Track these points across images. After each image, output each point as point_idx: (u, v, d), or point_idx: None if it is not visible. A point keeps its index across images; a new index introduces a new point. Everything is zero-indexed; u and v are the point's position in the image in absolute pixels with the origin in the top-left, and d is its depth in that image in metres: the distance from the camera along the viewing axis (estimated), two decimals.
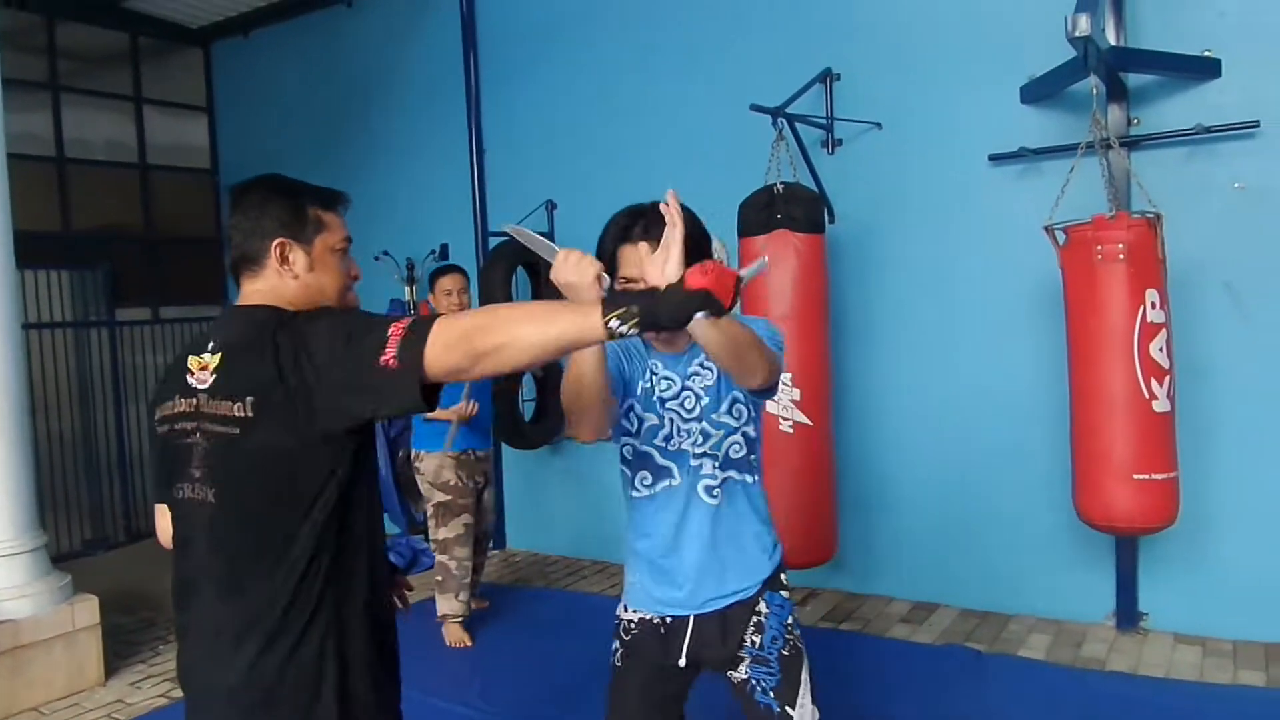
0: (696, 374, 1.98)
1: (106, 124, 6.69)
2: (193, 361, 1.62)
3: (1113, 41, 3.85)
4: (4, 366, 3.95)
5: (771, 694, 1.97)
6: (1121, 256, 3.32)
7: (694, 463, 1.97)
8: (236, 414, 1.53)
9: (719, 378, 1.96)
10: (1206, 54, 3.79)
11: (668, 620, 2.01)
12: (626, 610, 2.08)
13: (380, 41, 6.21)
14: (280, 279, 1.67)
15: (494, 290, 5.11)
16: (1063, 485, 3.78)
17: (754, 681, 1.98)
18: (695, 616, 2.00)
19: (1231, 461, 3.91)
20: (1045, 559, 4.27)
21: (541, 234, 5.41)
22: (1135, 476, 3.37)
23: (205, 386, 1.59)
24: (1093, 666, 3.75)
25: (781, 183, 4.06)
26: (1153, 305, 3.35)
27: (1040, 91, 4.06)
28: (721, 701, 2.18)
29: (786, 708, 1.96)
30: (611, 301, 1.43)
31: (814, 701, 2.00)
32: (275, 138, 6.83)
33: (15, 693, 3.84)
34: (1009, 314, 4.22)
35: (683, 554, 1.99)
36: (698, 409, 1.97)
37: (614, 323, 1.40)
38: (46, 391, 6.08)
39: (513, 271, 5.24)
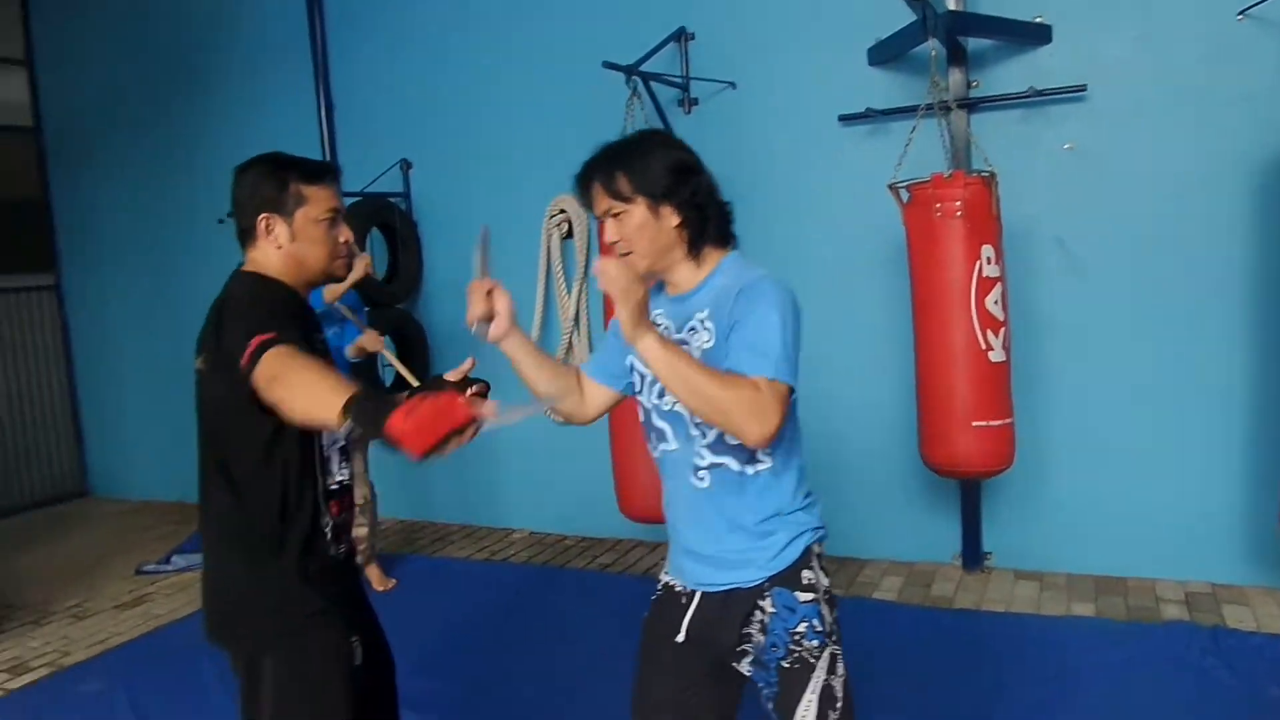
0: (695, 330, 1.76)
1: None
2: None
3: (951, 6, 3.97)
4: None
5: (771, 704, 1.77)
6: (959, 214, 3.45)
7: (692, 432, 1.76)
8: (199, 366, 1.87)
9: (718, 343, 1.72)
10: (1038, 20, 3.96)
11: (687, 591, 1.84)
12: (663, 571, 1.93)
13: None
14: (268, 249, 1.90)
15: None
16: (910, 435, 3.94)
17: (758, 684, 1.79)
18: (702, 593, 1.82)
19: (1063, 407, 4.16)
20: (896, 506, 4.46)
21: (397, 195, 5.30)
22: (974, 424, 3.51)
23: (199, 339, 1.88)
24: (940, 605, 3.96)
25: None
26: (988, 260, 3.49)
27: (885, 54, 4.16)
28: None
29: None
30: (354, 401, 1.49)
31: None
32: (105, 93, 6.39)
33: None
34: (859, 269, 4.35)
35: (682, 528, 1.84)
36: None
37: (347, 423, 1.50)
38: None
39: (367, 233, 5.08)
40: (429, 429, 1.40)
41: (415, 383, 2.09)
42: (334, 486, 1.96)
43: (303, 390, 1.60)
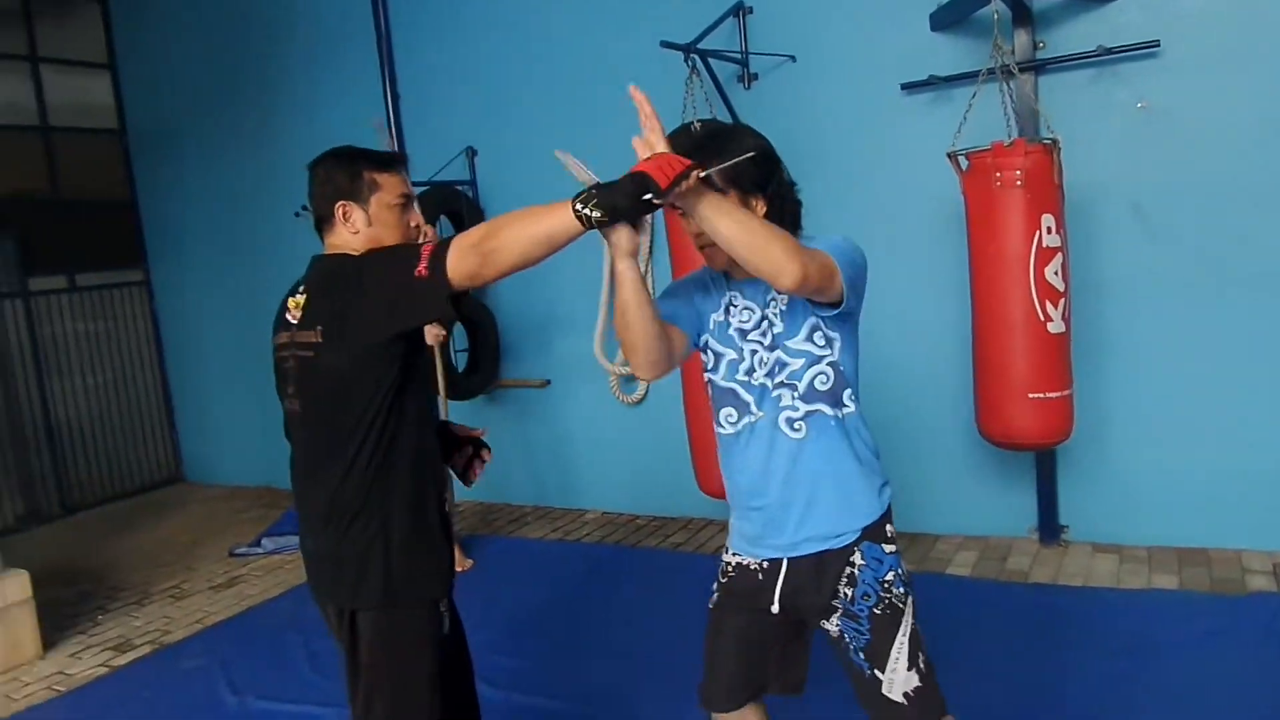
0: (774, 298, 1.87)
1: (3, 86, 6.38)
2: (290, 302, 1.99)
3: None
4: None
5: (862, 654, 1.86)
6: (1019, 183, 3.37)
7: (774, 394, 1.86)
8: (311, 340, 1.91)
9: (793, 300, 1.84)
10: None
11: (764, 564, 1.92)
12: (726, 553, 2.02)
13: None
14: (346, 234, 2.00)
15: None
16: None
17: (846, 638, 1.88)
18: (789, 559, 1.89)
19: (1142, 375, 4.04)
20: (970, 479, 4.40)
21: (464, 183, 5.39)
22: (1031, 395, 3.47)
23: (296, 321, 1.95)
24: (1015, 579, 3.90)
25: (699, 120, 4.04)
26: (1048, 230, 3.41)
27: (948, 18, 4.07)
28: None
29: (876, 671, 1.85)
30: (580, 194, 1.64)
31: (915, 665, 1.85)
32: (183, 93, 6.61)
33: None
34: (924, 240, 4.28)
35: (771, 492, 1.88)
36: (771, 336, 1.87)
37: (579, 207, 1.63)
38: None
39: (435, 221, 5.18)
40: (668, 166, 1.61)
41: None
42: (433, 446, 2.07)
43: (521, 222, 1.73)
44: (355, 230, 1.99)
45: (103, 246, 6.87)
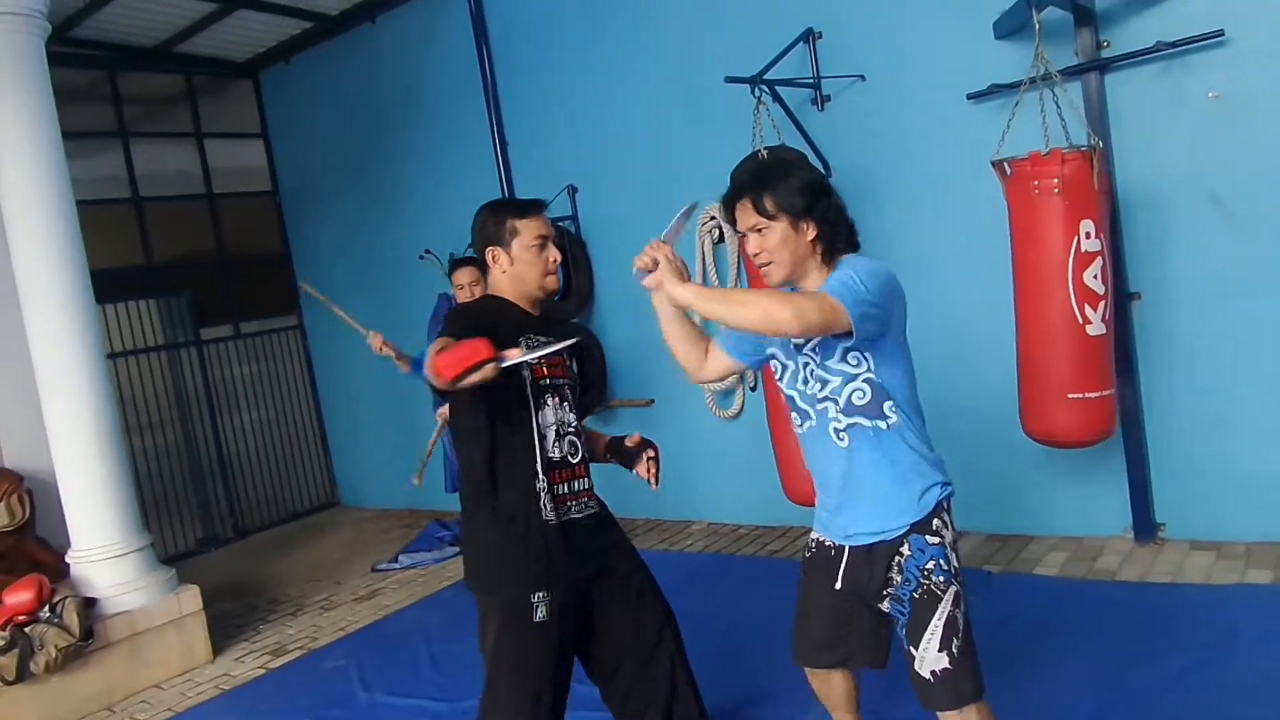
0: None
1: (173, 160, 7.22)
2: None
3: None
4: (95, 395, 4.45)
5: (904, 631, 2.10)
6: (1056, 190, 3.44)
7: (819, 406, 2.12)
8: None
9: None
10: None
11: (835, 546, 2.20)
12: (813, 530, 2.31)
13: (403, 52, 6.57)
14: (497, 273, 2.45)
15: None
16: None
17: (895, 616, 2.13)
18: (849, 547, 2.16)
19: (1241, 365, 3.96)
20: (1062, 479, 4.39)
21: (566, 219, 5.76)
22: (1070, 396, 3.56)
23: None
24: (1102, 578, 3.89)
25: (765, 147, 4.26)
26: (1087, 235, 3.47)
27: (1010, 25, 4.13)
28: None
29: (911, 648, 2.08)
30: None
31: (947, 648, 2.04)
32: (324, 153, 7.29)
33: (136, 673, 4.40)
34: (996, 246, 4.32)
35: (830, 489, 2.18)
36: (818, 355, 2.12)
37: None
38: (149, 411, 6.71)
39: None
40: (451, 366, 2.02)
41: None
42: (553, 459, 2.42)
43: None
44: (503, 270, 2.42)
45: (262, 297, 7.64)
